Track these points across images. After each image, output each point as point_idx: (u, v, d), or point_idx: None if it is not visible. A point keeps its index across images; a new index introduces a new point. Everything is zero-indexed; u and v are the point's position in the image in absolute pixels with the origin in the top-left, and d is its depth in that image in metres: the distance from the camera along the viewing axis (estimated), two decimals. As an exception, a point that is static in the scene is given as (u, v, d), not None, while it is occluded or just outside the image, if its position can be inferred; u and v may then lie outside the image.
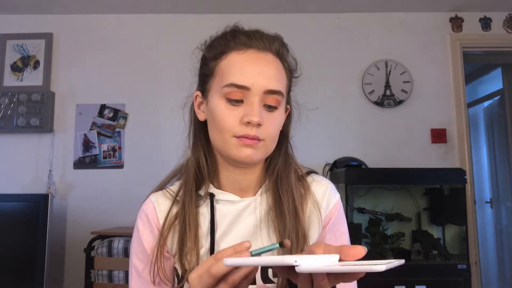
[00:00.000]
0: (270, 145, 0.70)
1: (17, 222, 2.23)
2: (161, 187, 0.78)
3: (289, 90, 0.76)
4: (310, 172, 0.81)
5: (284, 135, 0.77)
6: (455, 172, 2.37)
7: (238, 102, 0.67)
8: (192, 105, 0.77)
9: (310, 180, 0.78)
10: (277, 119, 0.70)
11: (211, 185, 0.74)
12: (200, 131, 0.76)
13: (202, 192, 0.74)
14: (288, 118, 0.78)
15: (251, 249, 0.52)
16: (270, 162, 0.76)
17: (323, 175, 0.84)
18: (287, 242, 0.55)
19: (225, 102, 0.67)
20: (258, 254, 0.53)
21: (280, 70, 0.71)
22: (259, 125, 0.66)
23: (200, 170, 0.74)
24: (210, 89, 0.71)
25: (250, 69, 0.67)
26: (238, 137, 0.66)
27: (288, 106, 0.77)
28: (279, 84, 0.69)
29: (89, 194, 2.69)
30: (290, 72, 0.75)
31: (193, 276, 0.52)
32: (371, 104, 2.81)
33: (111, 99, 2.79)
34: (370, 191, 2.54)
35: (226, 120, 0.67)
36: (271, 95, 0.68)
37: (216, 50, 0.71)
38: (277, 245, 0.54)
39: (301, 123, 0.81)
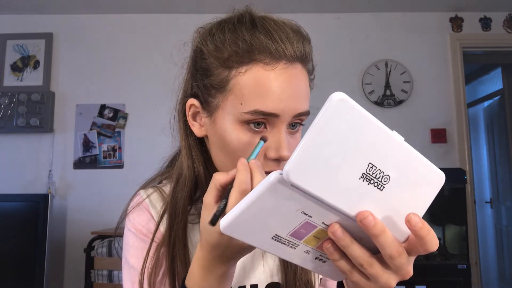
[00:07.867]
0: None
1: (17, 222, 2.23)
2: (149, 184, 0.71)
3: None
4: None
5: None
6: (455, 172, 2.37)
7: (259, 125, 0.54)
8: (184, 114, 0.64)
9: None
10: (299, 139, 0.58)
11: None
12: (197, 147, 0.63)
13: (195, 211, 0.64)
14: None
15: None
16: None
17: None
18: (265, 135, 0.53)
19: (244, 129, 0.55)
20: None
21: (307, 82, 0.58)
22: None
23: (198, 185, 0.63)
24: (219, 107, 0.57)
25: (281, 92, 0.53)
26: None
27: None
28: (307, 101, 0.57)
29: (89, 194, 2.69)
30: (310, 75, 0.63)
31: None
32: (371, 104, 2.80)
33: (111, 99, 2.79)
34: (370, 191, 2.54)
35: (247, 152, 0.53)
36: (299, 117, 0.56)
37: (227, 53, 0.55)
38: (262, 142, 0.52)
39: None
